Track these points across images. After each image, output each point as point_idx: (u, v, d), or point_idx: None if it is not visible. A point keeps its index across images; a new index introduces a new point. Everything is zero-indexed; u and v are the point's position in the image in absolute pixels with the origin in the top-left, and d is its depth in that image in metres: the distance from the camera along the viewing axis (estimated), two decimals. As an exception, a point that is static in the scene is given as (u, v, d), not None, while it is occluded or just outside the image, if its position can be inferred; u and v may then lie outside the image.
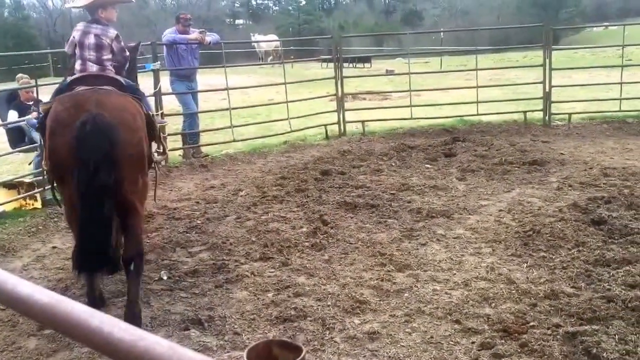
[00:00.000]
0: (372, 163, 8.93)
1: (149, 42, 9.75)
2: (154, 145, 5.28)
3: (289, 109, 11.03)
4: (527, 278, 4.80)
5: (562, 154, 9.09)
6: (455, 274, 5.02)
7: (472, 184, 7.75)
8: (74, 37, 5.06)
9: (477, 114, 11.63)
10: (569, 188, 7.26)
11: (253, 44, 31.08)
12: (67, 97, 4.50)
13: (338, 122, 11.45)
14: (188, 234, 6.28)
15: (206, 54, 18.33)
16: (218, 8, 74.71)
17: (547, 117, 11.55)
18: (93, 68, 4.95)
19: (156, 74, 9.43)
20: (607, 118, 11.74)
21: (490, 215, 6.46)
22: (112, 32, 5.07)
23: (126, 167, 4.26)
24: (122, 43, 5.17)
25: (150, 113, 4.98)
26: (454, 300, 4.52)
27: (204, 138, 10.75)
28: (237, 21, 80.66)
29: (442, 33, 33.26)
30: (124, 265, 4.47)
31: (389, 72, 19.68)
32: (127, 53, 5.29)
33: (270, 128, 11.67)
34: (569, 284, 4.62)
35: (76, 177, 4.08)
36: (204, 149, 10.27)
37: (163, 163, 6.71)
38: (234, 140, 10.37)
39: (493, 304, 4.41)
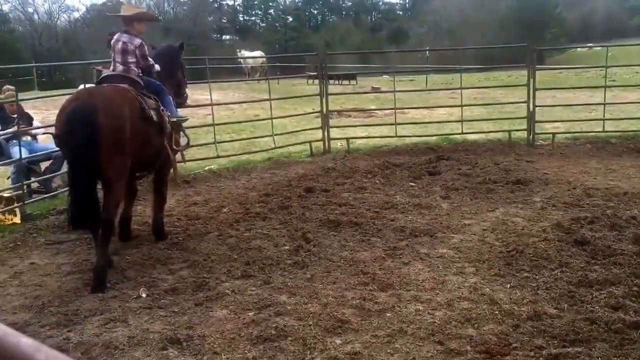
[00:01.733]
0: (356, 181, 8.90)
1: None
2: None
3: (274, 126, 11.00)
4: (510, 299, 4.77)
5: (545, 173, 9.12)
6: (438, 293, 4.98)
7: (456, 202, 7.74)
8: (111, 44, 6.19)
9: (462, 133, 11.68)
10: (553, 208, 7.28)
11: (239, 59, 31.08)
12: (76, 91, 5.96)
13: (323, 139, 11.43)
14: (169, 251, 6.19)
15: (191, 69, 18.29)
16: (204, 23, 74.83)
17: (531, 137, 11.60)
18: (119, 68, 6.12)
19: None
20: (590, 138, 11.80)
21: (474, 234, 6.44)
22: (137, 41, 6.16)
23: (104, 148, 5.17)
24: (145, 51, 6.19)
25: (152, 110, 5.85)
26: (436, 320, 4.47)
27: (188, 153, 10.66)
28: (224, 37, 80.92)
29: (427, 51, 33.46)
30: (95, 230, 5.44)
31: (375, 90, 19.76)
32: (151, 61, 6.32)
33: (254, 144, 11.63)
34: (552, 305, 4.59)
35: (66, 152, 5.47)
36: (187, 165, 10.15)
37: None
38: (218, 157, 10.32)
39: (476, 325, 4.36)
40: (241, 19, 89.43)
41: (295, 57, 31.86)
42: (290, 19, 78.52)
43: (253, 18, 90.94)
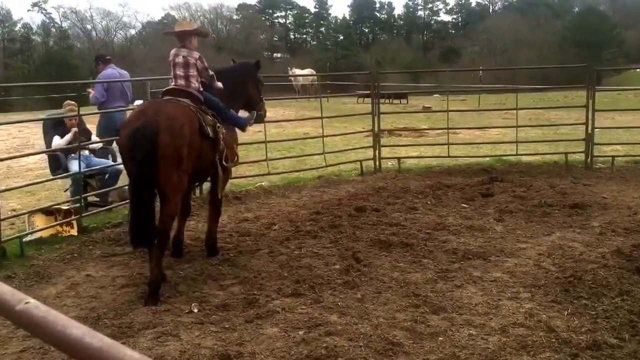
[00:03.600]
0: (407, 201, 8.82)
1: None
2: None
3: (325, 144, 11.02)
4: (568, 326, 4.62)
5: (604, 197, 8.86)
6: (492, 318, 4.86)
7: (510, 225, 7.58)
8: (169, 59, 6.39)
9: (516, 154, 11.47)
10: (612, 233, 7.05)
11: (290, 77, 31.36)
12: (141, 104, 6.30)
13: (374, 158, 11.39)
14: (220, 267, 6.23)
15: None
16: (257, 42, 76.01)
17: (589, 159, 11.30)
18: (180, 82, 6.29)
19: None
20: (651, 162, 11.45)
21: (529, 258, 6.28)
22: (196, 54, 6.36)
23: (162, 164, 5.42)
24: (205, 63, 6.40)
25: (209, 127, 6.05)
26: (490, 346, 4.36)
27: (239, 170, 10.78)
28: (275, 55, 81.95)
29: (480, 71, 33.13)
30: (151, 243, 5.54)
31: (426, 109, 19.65)
32: (211, 72, 6.52)
33: (305, 162, 11.67)
34: (613, 335, 4.43)
35: (128, 165, 5.69)
36: (238, 181, 10.25)
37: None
38: (269, 173, 10.39)
39: (532, 352, 4.24)
40: (292, 37, 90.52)
41: (346, 76, 31.96)
42: (341, 37, 78.98)
43: (304, 36, 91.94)
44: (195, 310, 5.17)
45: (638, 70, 48.57)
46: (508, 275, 5.82)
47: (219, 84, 6.63)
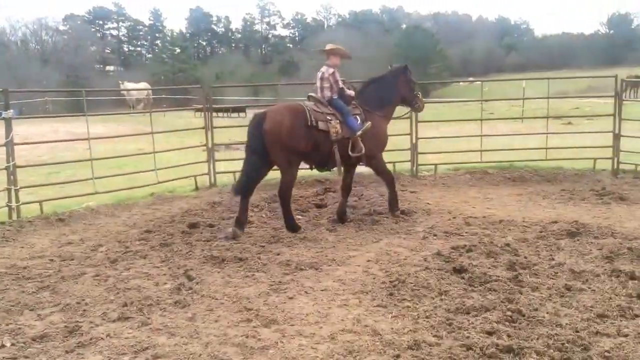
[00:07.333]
0: (242, 215, 8.76)
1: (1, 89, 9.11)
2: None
3: (158, 160, 10.70)
4: (392, 329, 4.79)
5: (428, 203, 9.39)
6: (322, 327, 4.92)
7: (342, 234, 7.79)
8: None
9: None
10: (434, 237, 7.48)
11: (122, 91, 30.20)
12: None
13: (208, 173, 11.23)
14: (38, 295, 5.77)
15: (70, 101, 17.60)
16: (87, 54, 72.33)
17: (414, 168, 11.95)
18: (316, 92, 8.37)
19: (8, 122, 8.89)
20: (470, 169, 12.32)
21: (359, 265, 6.47)
22: (330, 70, 8.31)
23: (270, 147, 7.76)
24: (337, 77, 8.33)
25: (322, 122, 7.98)
26: (319, 355, 4.40)
27: (64, 190, 10.15)
28: (107, 67, 78.72)
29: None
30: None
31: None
32: (340, 84, 8.36)
33: (137, 179, 11.20)
34: (431, 333, 4.65)
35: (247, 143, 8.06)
36: (62, 202, 9.63)
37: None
38: (96, 193, 9.86)
39: (358, 357, 4.33)
40: (126, 49, 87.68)
41: (182, 90, 31.36)
42: (178, 50, 77.57)
43: (139, 49, 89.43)
44: (8, 345, 4.73)
45: (461, 83, 52.28)
46: (338, 283, 5.95)
47: (351, 92, 8.49)
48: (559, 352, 4.26)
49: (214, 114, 11.83)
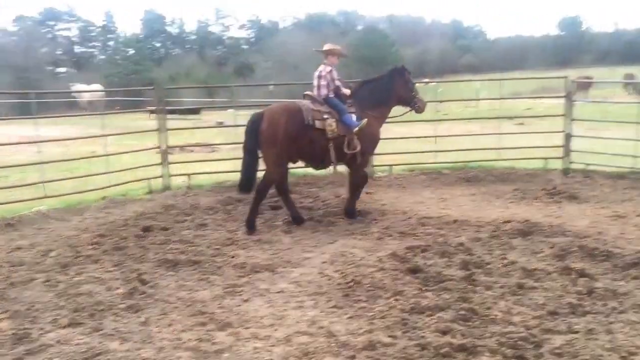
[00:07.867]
0: (197, 217, 8.73)
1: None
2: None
3: (111, 163, 10.51)
4: (347, 330, 4.81)
5: (383, 204, 9.45)
6: (277, 329, 4.91)
7: (298, 236, 7.79)
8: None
9: (305, 167, 11.78)
10: (389, 237, 7.53)
11: (74, 93, 29.56)
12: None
13: (162, 176, 11.09)
14: (-14, 303, 5.62)
15: (18, 104, 17.18)
16: (37, 56, 70.47)
17: (370, 169, 11.99)
18: (313, 90, 8.54)
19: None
20: (425, 169, 12.44)
21: (314, 267, 6.48)
22: (327, 68, 8.49)
23: (262, 145, 8.05)
24: (335, 76, 8.50)
25: (318, 121, 8.17)
26: (274, 357, 4.40)
27: (13, 194, 9.88)
28: (58, 69, 76.88)
29: (272, 85, 33.89)
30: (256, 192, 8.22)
31: (219, 124, 19.63)
32: (337, 83, 8.52)
33: (88, 182, 10.98)
34: (386, 334, 4.69)
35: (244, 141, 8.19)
36: (11, 207, 9.38)
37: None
38: (46, 197, 9.63)
39: (313, 359, 4.34)
40: (78, 50, 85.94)
41: (135, 91, 30.86)
42: (132, 52, 76.27)
43: (91, 50, 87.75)
44: (-47, 354, 4.60)
45: (417, 84, 52.70)
46: (294, 285, 5.95)
47: (346, 91, 8.58)
48: (511, 349, 4.35)
49: (168, 115, 11.65)
